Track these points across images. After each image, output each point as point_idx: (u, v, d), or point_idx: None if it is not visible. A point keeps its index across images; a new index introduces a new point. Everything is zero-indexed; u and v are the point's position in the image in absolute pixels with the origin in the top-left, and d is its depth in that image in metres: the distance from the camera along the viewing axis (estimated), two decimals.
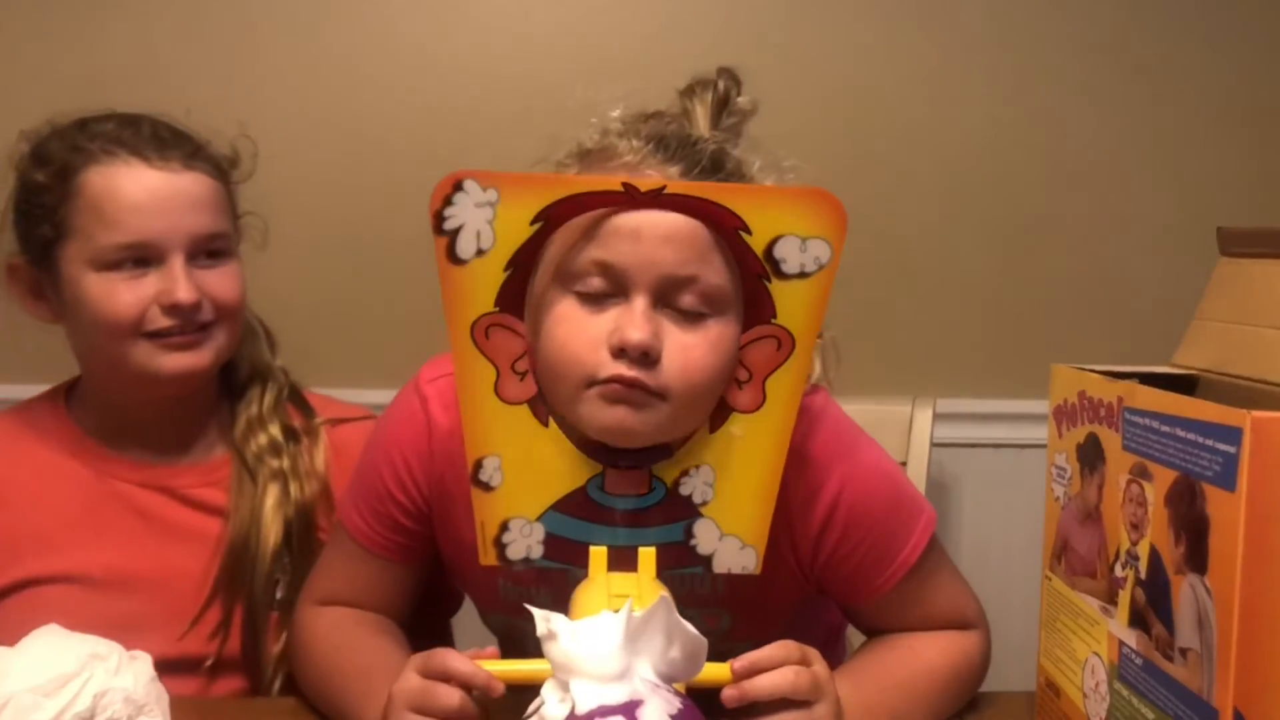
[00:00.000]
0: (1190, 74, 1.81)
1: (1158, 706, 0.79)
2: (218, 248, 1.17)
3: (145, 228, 1.11)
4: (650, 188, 0.84)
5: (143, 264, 1.12)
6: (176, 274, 1.12)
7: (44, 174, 1.14)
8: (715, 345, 0.87)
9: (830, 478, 0.98)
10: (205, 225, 1.15)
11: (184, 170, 1.14)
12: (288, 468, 1.21)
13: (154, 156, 1.13)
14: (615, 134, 0.95)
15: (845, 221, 0.84)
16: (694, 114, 0.99)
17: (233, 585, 1.16)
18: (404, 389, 1.06)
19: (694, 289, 0.86)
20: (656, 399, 0.87)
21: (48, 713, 0.75)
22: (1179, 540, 0.76)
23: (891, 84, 1.79)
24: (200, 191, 1.15)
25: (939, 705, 1.00)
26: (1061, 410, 0.94)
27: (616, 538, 0.91)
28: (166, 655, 1.08)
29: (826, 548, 0.99)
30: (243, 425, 1.23)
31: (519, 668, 0.81)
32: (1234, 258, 0.91)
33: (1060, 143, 1.81)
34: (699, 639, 0.75)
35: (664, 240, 0.85)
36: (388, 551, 1.05)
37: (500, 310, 0.87)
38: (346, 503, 1.07)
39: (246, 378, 1.26)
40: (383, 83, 1.75)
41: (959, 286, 1.82)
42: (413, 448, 1.02)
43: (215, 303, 1.15)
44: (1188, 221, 1.77)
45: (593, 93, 0.99)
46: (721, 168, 0.92)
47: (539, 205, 0.84)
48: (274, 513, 1.18)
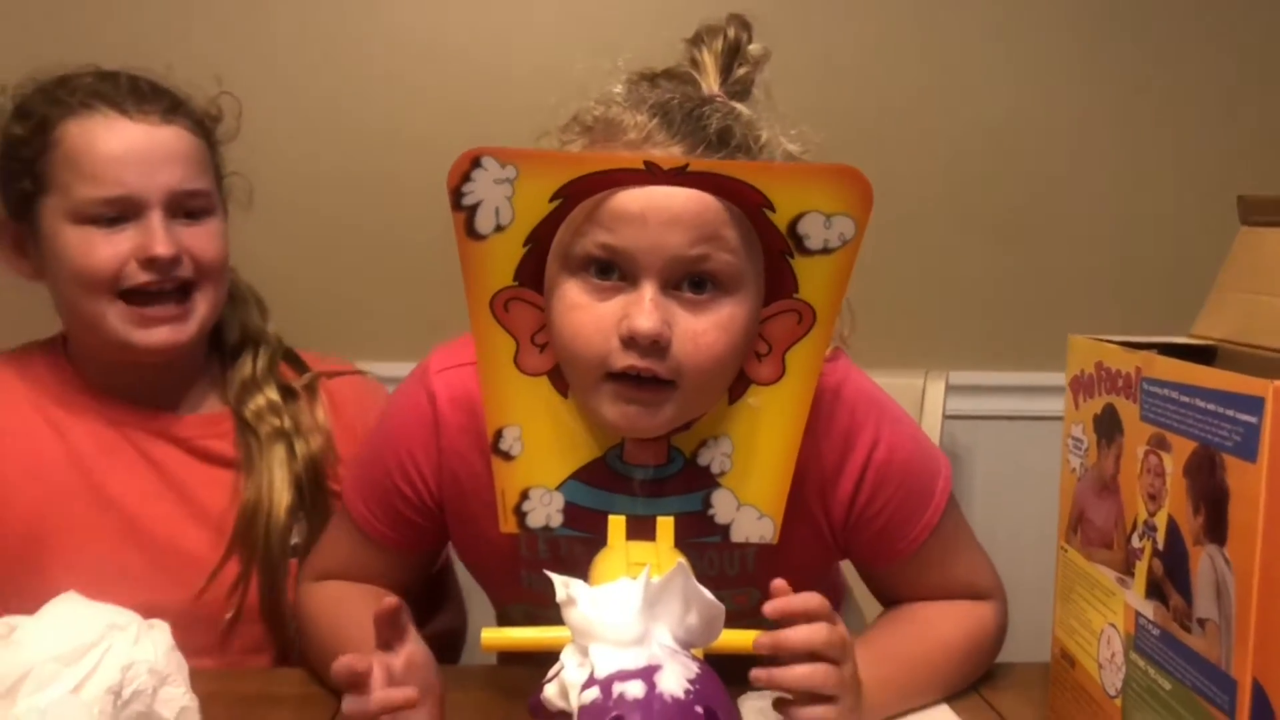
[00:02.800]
0: (1209, 38, 1.80)
1: (1174, 677, 0.79)
2: (198, 206, 1.15)
3: (123, 180, 1.10)
4: (673, 165, 0.83)
5: (121, 219, 1.11)
6: (154, 226, 1.11)
7: (23, 127, 1.14)
8: (727, 327, 0.86)
9: (861, 438, 0.99)
10: (184, 180, 1.13)
11: (163, 124, 1.13)
12: (289, 426, 1.21)
13: (132, 109, 1.12)
14: (620, 106, 0.93)
15: (871, 199, 0.83)
16: (703, 64, 0.97)
17: (249, 543, 1.17)
18: (411, 379, 1.05)
19: (703, 269, 0.85)
20: (669, 391, 0.87)
21: (68, 682, 0.75)
22: (1198, 511, 0.76)
23: (903, 55, 1.78)
24: (179, 145, 1.14)
25: (954, 677, 1.01)
26: (1078, 381, 0.94)
27: (635, 507, 0.91)
28: (186, 608, 1.12)
29: (858, 508, 1.00)
30: (237, 388, 1.22)
31: (538, 635, 0.82)
32: (1255, 226, 0.90)
33: (1076, 112, 1.80)
34: (716, 605, 0.76)
35: (670, 223, 0.84)
36: (392, 542, 1.05)
37: (519, 284, 0.87)
38: (352, 491, 1.06)
39: (238, 342, 1.25)
40: (388, 65, 1.74)
41: (972, 258, 1.82)
42: (421, 447, 1.01)
43: (195, 260, 1.14)
44: (1206, 190, 1.76)
45: (597, 59, 0.97)
46: (728, 141, 0.90)
47: (558, 183, 0.83)
48: (282, 471, 1.19)
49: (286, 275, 1.62)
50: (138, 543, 1.15)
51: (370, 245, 1.75)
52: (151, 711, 0.77)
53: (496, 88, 1.71)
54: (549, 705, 0.75)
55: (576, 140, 0.95)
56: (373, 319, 1.75)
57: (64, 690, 0.74)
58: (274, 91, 1.69)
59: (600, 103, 0.95)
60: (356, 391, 1.29)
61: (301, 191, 1.72)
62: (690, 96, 0.93)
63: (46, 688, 0.75)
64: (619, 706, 0.69)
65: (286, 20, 1.72)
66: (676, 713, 0.69)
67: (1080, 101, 1.80)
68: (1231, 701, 0.72)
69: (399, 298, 1.74)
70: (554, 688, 0.75)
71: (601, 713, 0.69)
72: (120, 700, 0.75)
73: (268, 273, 1.31)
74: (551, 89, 0.94)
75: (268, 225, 1.30)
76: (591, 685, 0.71)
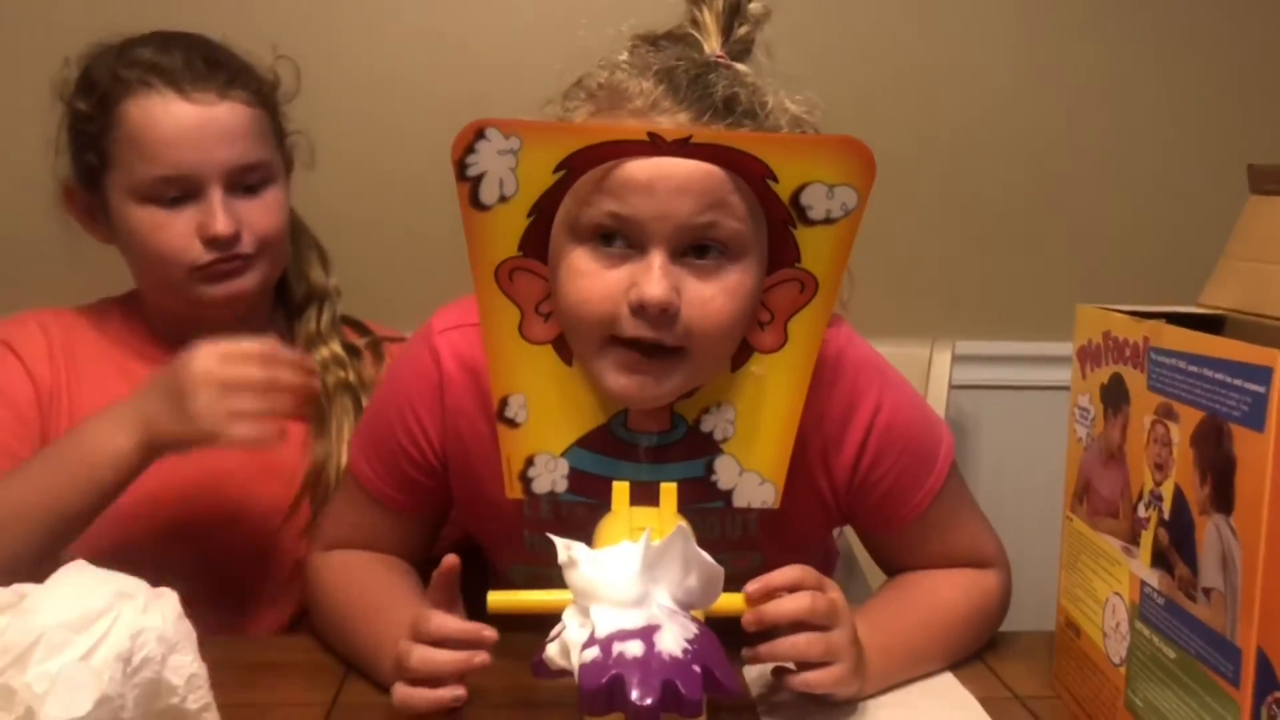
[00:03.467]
0: (1215, 6, 1.78)
1: (1179, 645, 0.79)
2: (257, 179, 1.19)
3: (181, 160, 1.14)
4: (676, 136, 0.82)
5: (182, 197, 1.15)
6: (214, 205, 1.15)
7: (86, 103, 1.18)
8: (734, 293, 0.87)
9: (863, 404, 0.99)
10: (242, 156, 1.17)
11: (219, 100, 1.16)
12: (354, 380, 1.25)
13: (189, 88, 1.15)
14: (624, 73, 0.93)
15: (874, 169, 0.83)
16: (704, 24, 0.96)
17: (318, 492, 1.21)
18: (414, 338, 1.05)
19: (710, 236, 0.86)
20: (675, 360, 0.87)
21: (78, 648, 0.75)
22: (1204, 481, 0.76)
23: (911, 21, 1.76)
24: (236, 121, 1.17)
25: (958, 644, 1.01)
26: (1085, 351, 0.94)
27: (639, 473, 0.92)
28: (259, 555, 1.20)
29: (860, 474, 1.00)
30: (304, 340, 1.27)
31: (544, 598, 0.83)
32: (1265, 195, 0.90)
33: (1082, 81, 1.78)
34: (715, 568, 0.77)
35: (678, 191, 0.84)
36: (399, 504, 1.05)
37: (524, 254, 0.87)
38: (358, 453, 1.07)
39: (304, 298, 1.30)
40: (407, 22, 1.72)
41: (978, 227, 1.80)
42: (424, 404, 1.01)
43: (255, 233, 1.18)
44: (1214, 158, 1.75)
45: (602, 25, 0.97)
46: (734, 108, 0.90)
47: (562, 154, 0.83)
48: (349, 421, 1.22)
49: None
50: (214, 491, 1.19)
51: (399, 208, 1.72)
52: (160, 678, 0.77)
53: (504, 55, 1.69)
54: (551, 664, 0.77)
55: (581, 107, 0.94)
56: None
57: (74, 657, 0.75)
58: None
59: (604, 67, 0.95)
60: None
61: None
62: (695, 61, 0.93)
63: (57, 655, 0.75)
64: (618, 665, 0.71)
65: None
66: (675, 671, 0.71)
67: (1086, 69, 1.78)
68: (1236, 670, 0.73)
69: (423, 261, 1.71)
70: (556, 647, 0.76)
71: (601, 671, 0.71)
72: (130, 667, 0.75)
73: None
74: (557, 53, 0.93)
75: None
76: (592, 645, 0.73)
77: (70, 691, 0.72)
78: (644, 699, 0.69)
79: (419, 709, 0.87)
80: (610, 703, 0.71)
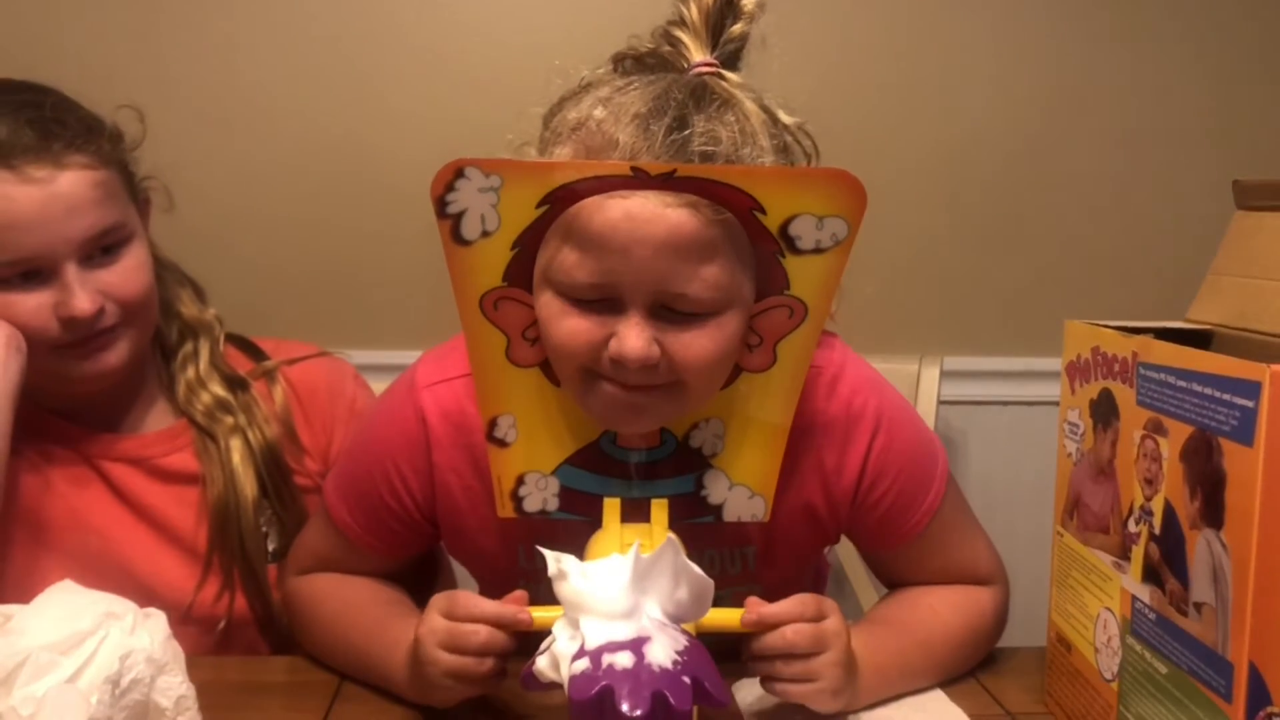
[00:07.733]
0: (1206, 24, 1.79)
1: (1171, 660, 0.79)
2: (113, 240, 1.09)
3: (23, 244, 1.03)
4: (660, 171, 0.80)
5: (35, 276, 1.05)
6: (70, 284, 1.05)
7: None
8: (716, 336, 0.86)
9: (860, 427, 0.98)
10: (93, 226, 1.06)
11: (59, 172, 1.04)
12: (244, 422, 1.18)
13: (22, 164, 1.03)
14: (602, 112, 0.87)
15: (864, 200, 0.82)
16: (691, 23, 0.91)
17: (225, 546, 1.16)
18: (398, 391, 1.03)
19: (690, 297, 0.83)
20: (663, 391, 0.87)
21: (65, 670, 0.75)
22: (1194, 495, 0.76)
23: (899, 35, 1.77)
24: (81, 192, 1.05)
25: (953, 662, 1.01)
26: (1074, 366, 0.94)
27: (630, 490, 0.93)
28: (177, 628, 1.09)
29: (860, 497, 1.00)
30: (184, 390, 1.19)
31: (539, 614, 0.83)
32: (1250, 211, 0.90)
33: (1072, 97, 1.79)
34: (706, 581, 0.78)
35: (656, 253, 0.81)
36: (381, 550, 1.05)
37: (508, 284, 0.87)
38: (336, 498, 1.05)
39: (179, 336, 1.21)
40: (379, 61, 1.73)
41: (967, 243, 1.81)
42: (409, 462, 1.00)
43: (119, 302, 1.09)
44: (1201, 174, 1.76)
45: (579, 53, 0.94)
46: (713, 160, 0.84)
47: (544, 190, 0.82)
48: (244, 467, 1.16)
49: (276, 266, 1.61)
50: (120, 570, 1.13)
51: (362, 234, 1.74)
52: (149, 700, 0.77)
53: (509, 84, 1.68)
54: (541, 677, 0.77)
55: (564, 146, 0.89)
56: (365, 308, 1.74)
57: (61, 679, 0.74)
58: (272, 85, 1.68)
59: (584, 100, 0.90)
60: (326, 376, 1.26)
61: (287, 181, 1.71)
62: (677, 101, 0.86)
63: (43, 676, 0.74)
64: (608, 676, 0.71)
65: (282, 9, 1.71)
66: (665, 682, 0.71)
67: (1074, 86, 1.79)
68: (1228, 685, 0.73)
69: (394, 286, 1.73)
70: (546, 659, 0.76)
71: (591, 682, 0.71)
72: (118, 689, 0.74)
73: (260, 262, 1.29)
74: (537, 74, 0.92)
75: (265, 218, 1.26)
76: (582, 656, 0.73)
77: (57, 714, 0.72)
78: (634, 710, 0.69)
79: (471, 675, 0.85)
80: (600, 714, 0.71)
